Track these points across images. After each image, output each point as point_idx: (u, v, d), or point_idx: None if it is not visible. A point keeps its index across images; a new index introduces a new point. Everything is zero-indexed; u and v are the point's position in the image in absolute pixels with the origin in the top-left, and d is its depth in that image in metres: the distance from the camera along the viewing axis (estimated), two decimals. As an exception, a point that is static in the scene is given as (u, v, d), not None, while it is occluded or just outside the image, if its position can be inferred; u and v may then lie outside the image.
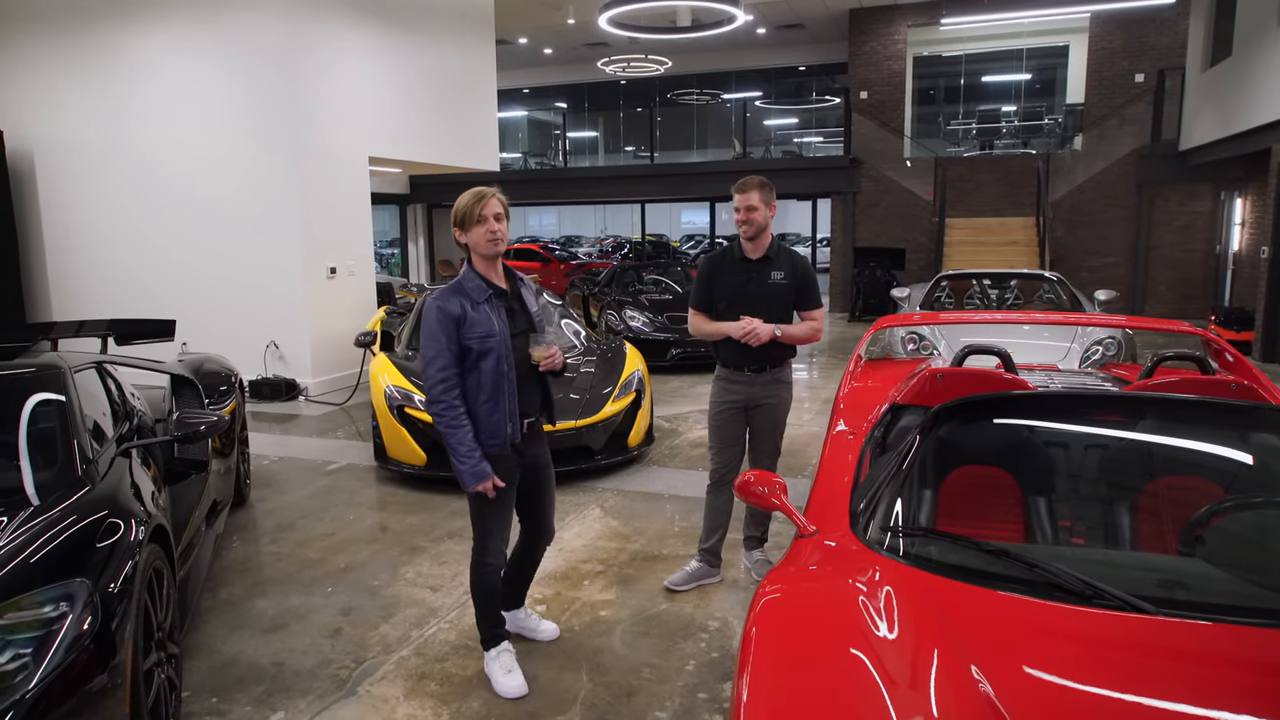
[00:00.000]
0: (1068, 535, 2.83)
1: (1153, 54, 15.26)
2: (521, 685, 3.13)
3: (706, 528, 4.09)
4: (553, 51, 20.27)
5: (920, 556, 2.32)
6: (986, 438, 3.02)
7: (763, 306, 3.80)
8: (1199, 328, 3.98)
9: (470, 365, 2.93)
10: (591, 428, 5.63)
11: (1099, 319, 5.69)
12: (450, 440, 2.93)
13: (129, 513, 2.84)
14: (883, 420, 3.56)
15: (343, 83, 9.05)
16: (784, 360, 3.96)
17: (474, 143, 11.56)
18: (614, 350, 6.59)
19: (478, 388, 2.94)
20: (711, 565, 4.08)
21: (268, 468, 6.17)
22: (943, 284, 8.82)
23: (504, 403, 2.96)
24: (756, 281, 3.83)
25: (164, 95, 8.77)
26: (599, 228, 37.35)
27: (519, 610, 3.52)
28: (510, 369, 2.96)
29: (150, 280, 9.07)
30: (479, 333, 2.91)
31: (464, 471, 2.92)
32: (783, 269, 3.84)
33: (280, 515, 5.13)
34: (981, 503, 2.93)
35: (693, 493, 5.41)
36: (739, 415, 3.95)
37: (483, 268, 3.03)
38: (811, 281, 3.91)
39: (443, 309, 2.92)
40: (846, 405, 4.04)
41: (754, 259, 3.86)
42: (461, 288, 2.99)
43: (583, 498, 5.34)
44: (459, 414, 2.91)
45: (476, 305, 2.94)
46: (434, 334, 2.91)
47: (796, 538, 2.65)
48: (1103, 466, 2.92)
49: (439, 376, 2.91)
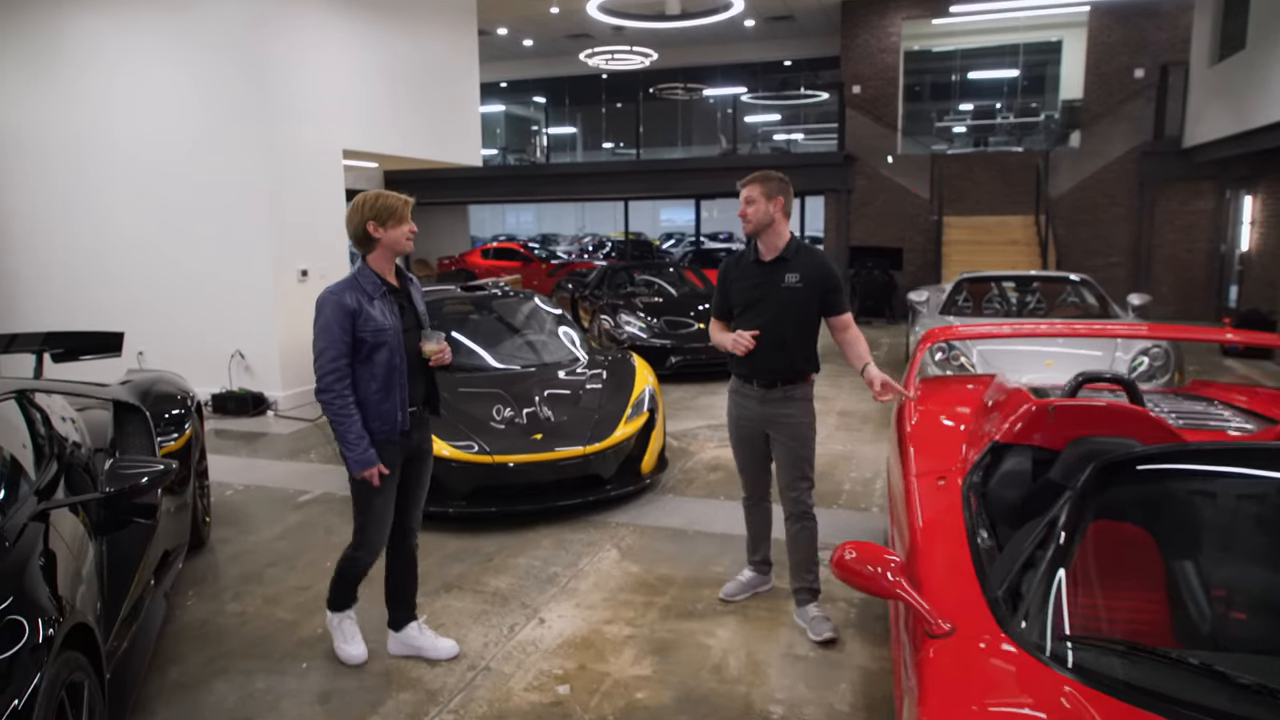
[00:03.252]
0: (1223, 607, 2.24)
1: (1153, 49, 14.87)
2: (362, 653, 3.34)
3: (751, 538, 3.93)
4: (533, 43, 19.55)
5: (1126, 684, 1.71)
6: (1123, 489, 2.42)
7: (775, 312, 3.47)
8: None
9: (364, 357, 3.07)
10: (601, 454, 4.97)
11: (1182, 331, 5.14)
12: (340, 428, 3.05)
13: (36, 607, 2.15)
14: (981, 462, 2.94)
15: (314, 71, 8.30)
16: (799, 377, 3.54)
17: (455, 136, 10.84)
18: (620, 363, 5.93)
19: (370, 378, 3.08)
20: (763, 574, 3.94)
21: (231, 500, 5.45)
22: (963, 287, 8.27)
23: (395, 392, 3.11)
24: (770, 285, 3.49)
25: (115, 84, 7.96)
26: (578, 226, 36.62)
27: (410, 627, 3.40)
28: (402, 361, 3.11)
29: (101, 286, 8.26)
30: (373, 327, 3.05)
31: (351, 458, 3.05)
32: (798, 272, 3.47)
33: (245, 561, 4.42)
34: (1115, 565, 2.33)
35: (719, 527, 4.77)
36: (755, 433, 3.65)
37: (381, 266, 3.15)
38: (835, 285, 3.51)
39: (339, 302, 3.04)
40: (919, 438, 3.42)
41: (767, 260, 3.52)
42: (357, 283, 3.10)
43: (594, 536, 4.68)
44: (349, 403, 3.04)
45: (371, 300, 3.07)
46: (328, 326, 3.03)
47: (927, 636, 2.02)
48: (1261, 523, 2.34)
49: (330, 367, 3.03)
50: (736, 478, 5.62)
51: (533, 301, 6.95)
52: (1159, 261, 14.60)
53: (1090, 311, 7.78)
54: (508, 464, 4.75)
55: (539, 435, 4.92)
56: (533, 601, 3.88)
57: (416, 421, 3.23)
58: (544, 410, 5.18)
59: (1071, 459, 2.73)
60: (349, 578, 3.33)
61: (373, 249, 3.12)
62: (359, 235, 3.11)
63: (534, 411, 5.17)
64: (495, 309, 6.78)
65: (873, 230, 15.79)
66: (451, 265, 19.20)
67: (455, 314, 6.65)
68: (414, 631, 3.39)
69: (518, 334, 6.43)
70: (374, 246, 3.11)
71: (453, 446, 4.78)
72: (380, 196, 3.10)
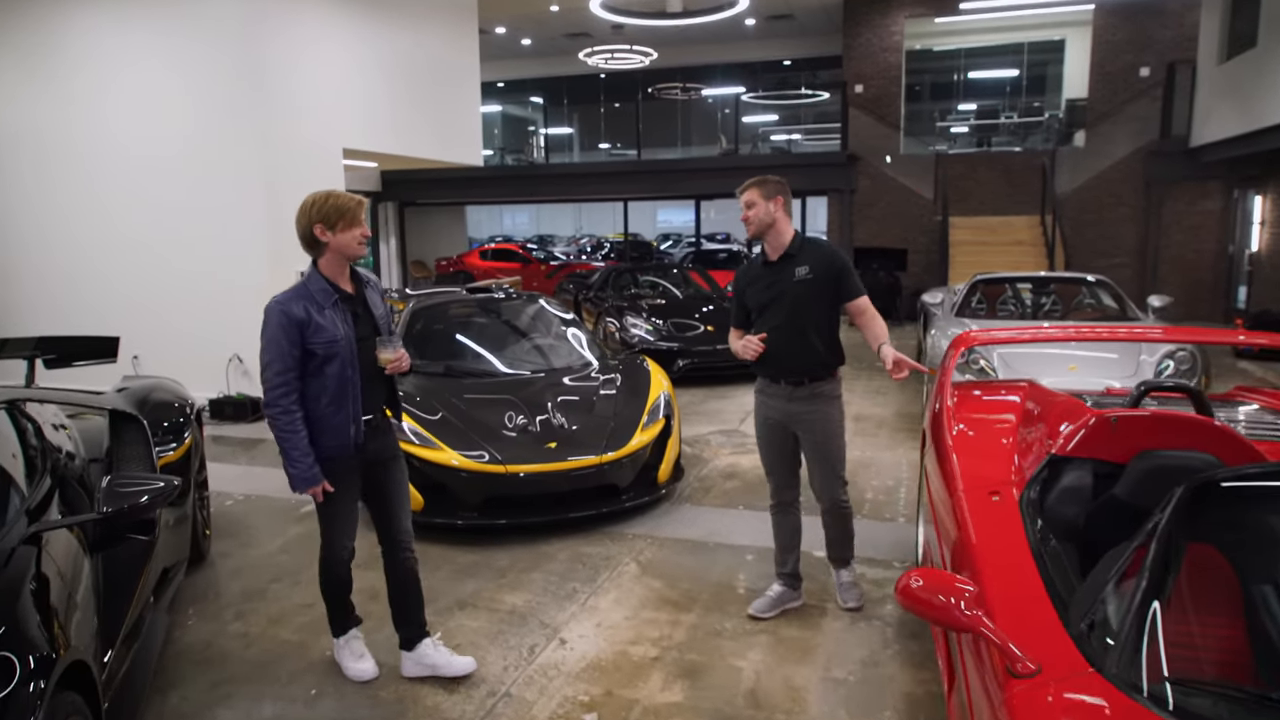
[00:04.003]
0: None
1: (1158, 47, 14.74)
2: (372, 669, 3.22)
3: (779, 549, 3.81)
4: (531, 42, 19.36)
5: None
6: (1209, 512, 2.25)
7: (792, 307, 3.49)
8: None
9: (314, 369, 2.92)
10: (618, 463, 4.78)
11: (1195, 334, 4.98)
12: (284, 444, 2.91)
13: (29, 643, 1.96)
14: (1038, 476, 2.77)
15: (313, 68, 8.11)
16: (825, 373, 3.57)
17: (456, 135, 10.66)
18: (634, 368, 5.74)
19: (321, 391, 2.93)
20: (793, 588, 3.80)
21: (231, 510, 5.25)
22: (977, 289, 8.10)
23: (348, 405, 2.96)
24: (781, 283, 3.53)
25: (111, 81, 7.75)
26: (575, 227, 36.41)
27: (424, 644, 3.24)
28: (355, 372, 2.96)
29: (96, 287, 8.05)
30: (323, 338, 2.89)
31: (295, 475, 2.92)
32: (808, 264, 3.51)
33: (248, 577, 4.23)
34: (1197, 595, 2.15)
35: (740, 538, 4.59)
36: (782, 433, 3.64)
37: (332, 271, 2.99)
38: (846, 270, 3.54)
39: (286, 313, 2.87)
40: (964, 448, 3.24)
41: (774, 260, 3.58)
42: (306, 291, 2.93)
43: (612, 549, 4.49)
44: (295, 419, 2.89)
45: (322, 310, 2.91)
46: (275, 338, 2.87)
47: (1010, 676, 1.84)
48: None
49: (277, 381, 2.87)
50: (754, 486, 5.49)
51: (540, 304, 6.76)
52: (1166, 262, 14.46)
53: (1109, 314, 7.62)
54: (520, 474, 4.56)
55: (553, 444, 4.73)
56: (552, 620, 3.70)
57: (374, 431, 3.10)
58: (557, 417, 4.99)
59: (1139, 474, 2.56)
60: (332, 588, 3.22)
61: (322, 253, 2.95)
62: (306, 238, 2.93)
63: (546, 419, 4.98)
64: (502, 312, 6.59)
65: (876, 231, 15.63)
66: (449, 267, 18.99)
67: (461, 317, 6.46)
68: (428, 649, 3.23)
69: (526, 338, 6.24)
70: (323, 251, 2.94)
71: (463, 456, 4.59)
72: (330, 197, 2.92)
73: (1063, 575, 2.25)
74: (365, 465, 3.11)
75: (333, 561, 3.16)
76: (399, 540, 3.22)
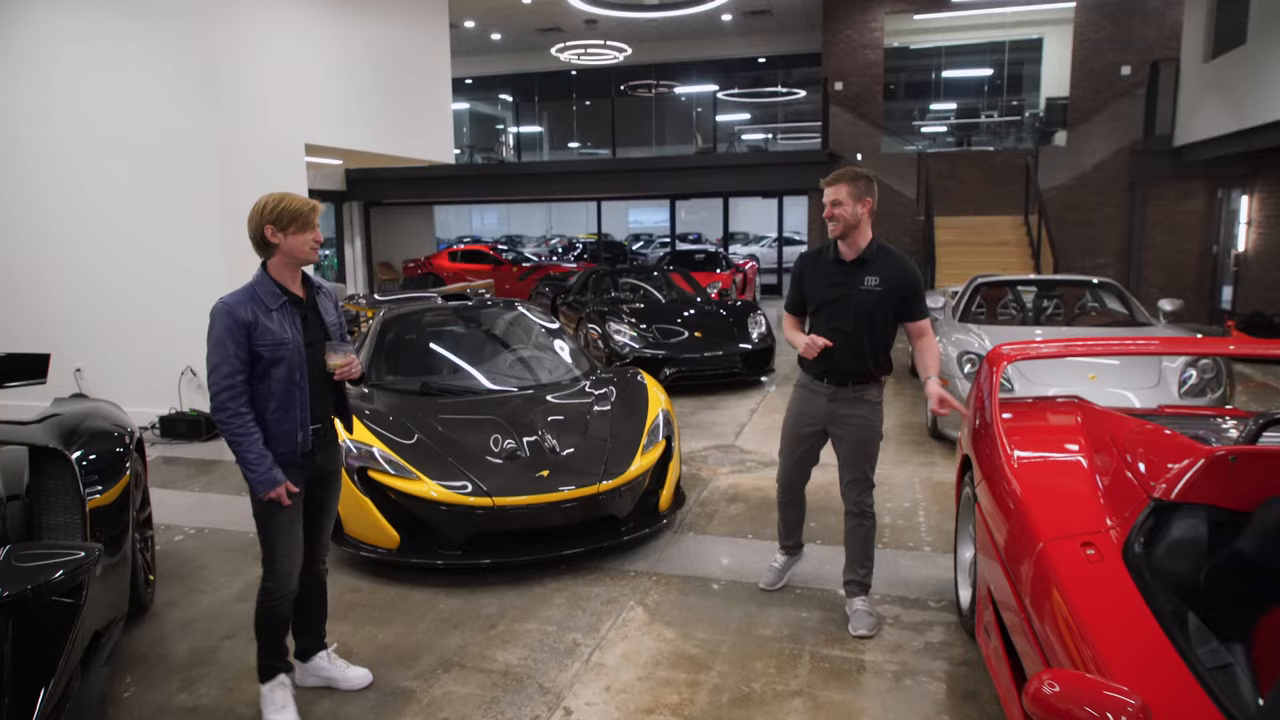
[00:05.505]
0: None
1: (1139, 45, 14.57)
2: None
3: (785, 527, 3.93)
4: (501, 37, 18.78)
5: None
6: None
7: (853, 313, 3.45)
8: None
9: (260, 373, 2.84)
10: (617, 492, 4.29)
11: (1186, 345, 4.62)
12: (239, 448, 2.81)
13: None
14: (1142, 525, 2.34)
15: (273, 57, 7.52)
16: (871, 378, 3.53)
17: (426, 131, 10.10)
18: (629, 381, 5.25)
19: (268, 395, 2.85)
20: (795, 555, 3.98)
21: (181, 547, 4.68)
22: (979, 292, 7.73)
23: (295, 411, 2.88)
24: (848, 286, 3.47)
25: (48, 68, 7.10)
26: (545, 227, 35.80)
27: (319, 655, 3.18)
28: (303, 378, 2.89)
29: (35, 296, 7.39)
30: (269, 341, 2.82)
31: (254, 480, 2.82)
32: (879, 274, 3.44)
33: (198, 633, 3.68)
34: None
35: (754, 574, 4.12)
36: (815, 432, 3.65)
37: (282, 274, 2.91)
38: (916, 289, 3.50)
39: (232, 315, 2.80)
40: (1032, 488, 2.80)
41: (847, 260, 3.50)
42: (254, 293, 2.86)
43: (613, 590, 4.01)
44: (246, 421, 2.80)
45: (269, 312, 2.85)
46: (220, 340, 2.79)
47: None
48: None
49: (225, 384, 2.79)
50: (760, 511, 5.05)
51: (522, 311, 6.25)
52: (1150, 262, 14.31)
53: (1116, 318, 7.30)
54: (509, 507, 4.06)
55: (545, 472, 4.23)
56: (553, 683, 3.21)
57: (321, 441, 3.01)
58: (547, 439, 4.49)
59: (1271, 527, 2.14)
60: (269, 621, 2.99)
61: (272, 255, 2.89)
62: (257, 239, 2.87)
63: (536, 441, 4.47)
64: (482, 320, 6.07)
65: (858, 231, 15.28)
66: (417, 269, 18.35)
67: (437, 326, 5.94)
68: (323, 661, 3.19)
69: (509, 349, 5.73)
70: (273, 253, 2.88)
71: (443, 487, 4.08)
72: (284, 199, 2.86)
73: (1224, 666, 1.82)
74: (310, 478, 3.00)
75: (278, 593, 2.95)
76: (316, 553, 3.13)
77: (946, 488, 5.48)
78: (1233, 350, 4.14)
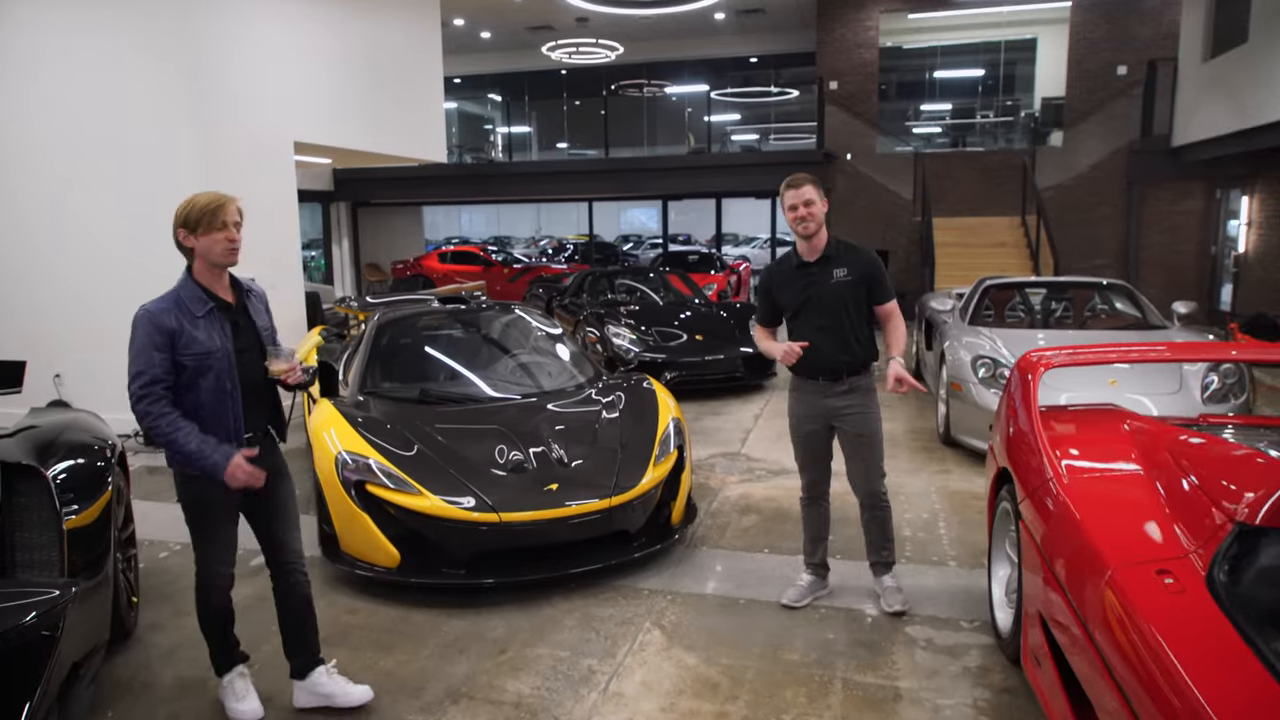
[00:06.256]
0: None
1: (1135, 45, 14.48)
2: (257, 708, 2.95)
3: (808, 540, 3.88)
4: (491, 35, 18.52)
5: None
6: None
7: (829, 309, 3.57)
8: None
9: (187, 383, 2.74)
10: (629, 506, 4.08)
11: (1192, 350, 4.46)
12: (174, 445, 2.70)
13: None
14: (1226, 551, 2.14)
15: (259, 52, 7.26)
16: (863, 366, 3.65)
17: (417, 129, 9.85)
18: (636, 388, 5.03)
19: (196, 406, 2.75)
20: (821, 578, 3.89)
21: (167, 564, 4.44)
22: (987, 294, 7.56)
23: (227, 422, 2.78)
24: (818, 284, 3.60)
25: (30, 63, 6.82)
26: (534, 228, 35.52)
27: (317, 671, 3.03)
28: (235, 387, 2.79)
29: (13, 298, 7.10)
30: (196, 350, 2.72)
31: (207, 467, 2.71)
32: (845, 266, 3.59)
33: (184, 660, 3.44)
34: None
35: (773, 591, 3.91)
36: (820, 430, 3.70)
37: (207, 278, 2.81)
38: (882, 273, 3.65)
39: (155, 322, 2.71)
40: (1091, 509, 2.60)
41: (811, 261, 3.62)
42: (179, 299, 2.76)
43: (627, 610, 3.79)
44: (173, 417, 2.70)
45: (195, 320, 2.74)
46: (143, 348, 2.70)
47: None
48: None
49: (144, 392, 2.69)
50: (773, 522, 4.86)
51: (522, 314, 6.02)
52: (1147, 263, 14.22)
53: (1129, 320, 7.14)
54: (517, 523, 3.83)
55: (554, 485, 4.01)
56: (569, 715, 2.99)
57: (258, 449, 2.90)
58: (555, 450, 4.27)
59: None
60: (210, 619, 2.96)
61: (192, 259, 2.79)
62: (176, 243, 2.78)
63: (543, 452, 4.25)
64: (481, 324, 5.84)
65: (853, 232, 15.05)
66: (407, 270, 18.06)
67: (434, 329, 5.70)
68: (323, 677, 3.05)
69: (511, 354, 5.50)
70: (193, 257, 2.78)
71: (445, 502, 3.85)
72: (193, 199, 2.74)
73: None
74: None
75: (210, 589, 2.91)
76: (288, 563, 3.00)
77: (965, 497, 5.29)
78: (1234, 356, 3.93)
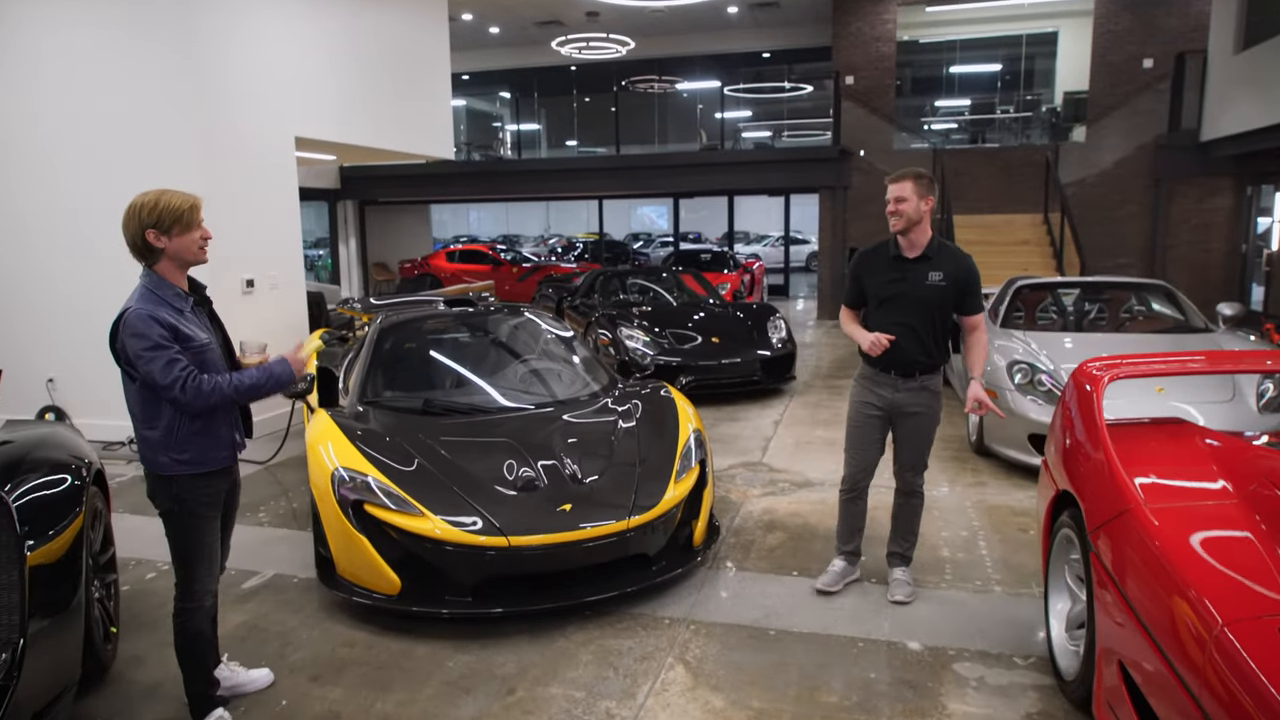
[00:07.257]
0: None
1: (1162, 38, 14.06)
2: None
3: (845, 531, 3.93)
4: (500, 31, 18.22)
5: None
6: None
7: (916, 308, 3.58)
8: None
9: None
10: (649, 527, 3.76)
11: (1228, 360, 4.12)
12: (245, 393, 2.71)
13: None
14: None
15: (259, 44, 6.98)
16: (935, 368, 3.68)
17: (425, 125, 9.56)
18: (654, 397, 4.72)
19: None
20: (852, 564, 3.97)
21: (152, 586, 4.15)
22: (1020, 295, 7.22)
23: (231, 413, 2.82)
24: (910, 282, 3.58)
25: (27, 57, 6.55)
26: (543, 226, 35.23)
27: (218, 669, 3.03)
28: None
29: (7, 300, 6.83)
30: (194, 345, 2.69)
31: (283, 377, 2.76)
32: (942, 269, 3.57)
33: (167, 700, 3.14)
34: None
35: (807, 621, 3.60)
36: (880, 421, 3.75)
37: (174, 276, 2.77)
38: (975, 284, 3.63)
39: (155, 317, 2.63)
40: (1177, 539, 2.29)
41: (909, 257, 3.61)
42: (159, 298, 2.68)
43: (647, 642, 3.48)
44: (217, 379, 2.66)
45: (181, 314, 2.71)
46: (158, 344, 2.60)
47: None
48: None
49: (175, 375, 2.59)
50: (801, 541, 4.55)
51: (533, 317, 5.72)
52: (1174, 262, 13.80)
53: (1170, 323, 6.79)
54: (527, 548, 3.53)
55: (567, 505, 3.70)
56: (586, 770, 2.68)
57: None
58: (568, 466, 3.97)
59: None
60: (191, 647, 2.83)
61: (157, 260, 2.73)
62: (137, 245, 2.71)
63: (555, 466, 3.95)
64: (489, 328, 5.53)
65: (871, 230, 14.72)
66: (414, 270, 17.80)
67: (439, 333, 5.40)
68: (225, 672, 3.08)
69: (521, 360, 5.20)
70: (159, 258, 2.73)
71: (449, 524, 3.54)
72: (161, 198, 2.72)
73: None
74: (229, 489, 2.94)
75: (195, 611, 2.80)
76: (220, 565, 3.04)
77: (1005, 513, 4.96)
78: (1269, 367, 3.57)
